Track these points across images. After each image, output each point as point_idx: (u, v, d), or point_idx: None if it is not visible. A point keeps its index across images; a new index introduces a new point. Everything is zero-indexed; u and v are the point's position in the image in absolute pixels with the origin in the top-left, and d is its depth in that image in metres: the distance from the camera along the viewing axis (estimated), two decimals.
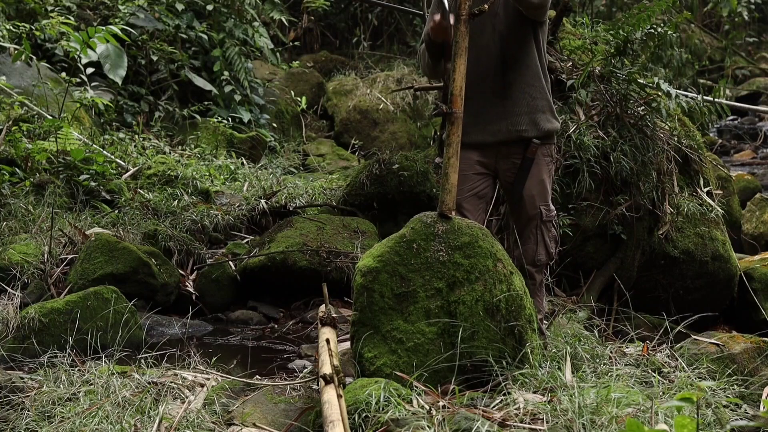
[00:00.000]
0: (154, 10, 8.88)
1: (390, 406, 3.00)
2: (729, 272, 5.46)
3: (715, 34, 14.30)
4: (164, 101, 8.89)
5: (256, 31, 9.89)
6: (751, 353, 3.97)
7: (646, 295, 5.29)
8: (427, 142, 9.61)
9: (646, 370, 3.57)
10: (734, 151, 10.95)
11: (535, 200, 3.98)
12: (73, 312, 4.49)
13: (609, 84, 5.34)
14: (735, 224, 6.71)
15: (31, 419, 3.25)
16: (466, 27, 3.51)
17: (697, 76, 12.81)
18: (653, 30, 5.29)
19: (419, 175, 6.28)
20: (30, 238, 5.40)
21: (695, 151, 5.60)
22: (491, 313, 3.41)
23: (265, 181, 7.24)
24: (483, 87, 3.89)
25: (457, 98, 3.51)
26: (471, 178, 3.96)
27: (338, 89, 11.07)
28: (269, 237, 5.87)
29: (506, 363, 3.36)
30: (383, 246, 3.51)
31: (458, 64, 3.50)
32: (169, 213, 6.11)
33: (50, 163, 6.29)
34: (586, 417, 2.87)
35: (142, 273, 5.21)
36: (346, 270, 5.48)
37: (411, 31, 13.31)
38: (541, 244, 4.00)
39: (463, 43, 3.50)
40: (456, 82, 3.51)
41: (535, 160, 3.96)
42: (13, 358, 4.16)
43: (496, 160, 3.99)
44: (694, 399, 2.06)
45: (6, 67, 7.28)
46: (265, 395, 3.58)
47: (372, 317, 3.43)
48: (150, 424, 3.11)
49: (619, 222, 5.22)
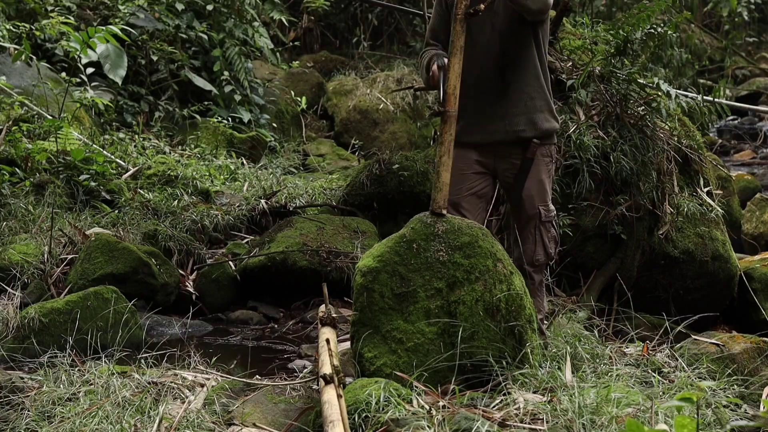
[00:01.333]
0: (154, 10, 8.88)
1: (390, 406, 3.00)
2: (729, 272, 5.46)
3: (715, 34, 14.30)
4: (164, 101, 8.89)
5: (256, 31, 9.89)
6: (751, 353, 3.98)
7: (646, 295, 5.29)
8: (427, 142, 9.60)
9: (646, 370, 3.57)
10: (734, 151, 10.95)
11: (534, 200, 3.98)
12: (73, 312, 4.49)
13: (609, 84, 5.34)
14: (735, 224, 6.70)
15: (31, 419, 3.25)
16: (462, 26, 3.51)
17: (697, 76, 12.81)
18: (653, 30, 5.29)
19: (419, 175, 6.28)
20: (30, 238, 5.40)
21: (695, 151, 5.60)
22: (491, 313, 3.41)
23: (265, 181, 7.24)
24: (481, 86, 3.89)
25: (450, 97, 3.51)
26: (470, 178, 3.95)
27: (338, 89, 11.07)
28: (269, 237, 5.87)
29: (506, 363, 3.36)
30: (383, 246, 3.51)
31: (453, 64, 3.50)
32: (169, 213, 6.11)
33: (50, 163, 6.29)
34: (586, 417, 2.87)
35: (142, 273, 5.21)
36: (346, 270, 5.48)
37: (411, 31, 13.31)
38: (540, 244, 4.00)
39: (458, 42, 3.50)
40: (450, 81, 3.52)
41: (534, 160, 3.95)
42: (13, 358, 4.16)
43: (494, 159, 3.99)
44: (694, 399, 2.06)
45: (6, 67, 7.28)
46: (265, 395, 3.59)
47: (372, 317, 3.43)
48: (150, 424, 3.10)
49: (619, 222, 5.22)
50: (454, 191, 3.78)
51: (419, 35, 12.68)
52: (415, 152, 7.41)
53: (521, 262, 4.01)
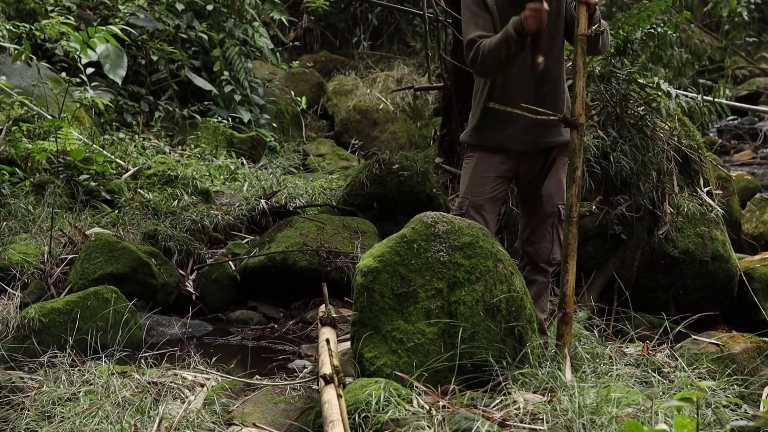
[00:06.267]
0: (154, 10, 8.87)
1: (390, 406, 3.00)
2: (729, 272, 5.46)
3: (715, 34, 14.29)
4: (164, 101, 8.89)
5: (256, 31, 9.89)
6: (751, 353, 3.98)
7: (646, 295, 5.30)
8: (427, 142, 9.60)
9: (646, 370, 3.58)
10: (734, 151, 10.94)
11: (553, 198, 3.99)
12: (73, 312, 4.49)
13: (609, 84, 5.34)
14: (735, 224, 6.70)
15: (31, 419, 3.25)
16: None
17: (697, 76, 12.80)
18: (653, 30, 5.29)
19: (419, 175, 6.28)
20: (30, 238, 5.40)
21: (695, 151, 5.60)
22: (492, 314, 3.41)
23: (265, 181, 7.24)
24: (517, 97, 3.87)
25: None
26: (493, 181, 3.97)
27: (338, 89, 11.07)
28: (269, 237, 5.87)
29: (506, 363, 3.36)
30: (384, 246, 3.51)
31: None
32: (169, 213, 6.11)
33: (50, 163, 6.29)
34: (586, 417, 2.88)
35: (142, 273, 5.21)
36: (346, 270, 5.48)
37: (411, 31, 13.31)
38: (557, 242, 4.00)
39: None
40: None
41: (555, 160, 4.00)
42: (13, 358, 4.16)
43: (518, 163, 4.01)
44: (694, 399, 2.06)
45: (6, 67, 7.28)
46: (265, 395, 3.59)
47: (372, 317, 3.43)
48: (150, 424, 3.11)
49: (619, 222, 5.23)
50: (477, 193, 3.91)
51: (419, 35, 12.67)
52: (415, 152, 7.42)
53: (532, 260, 4.01)
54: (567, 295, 3.51)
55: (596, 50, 3.89)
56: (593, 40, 3.71)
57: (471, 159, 4.01)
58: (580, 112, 3.56)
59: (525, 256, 4.08)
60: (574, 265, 3.54)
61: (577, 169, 3.56)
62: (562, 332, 3.53)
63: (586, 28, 3.58)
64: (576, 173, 3.55)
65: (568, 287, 3.52)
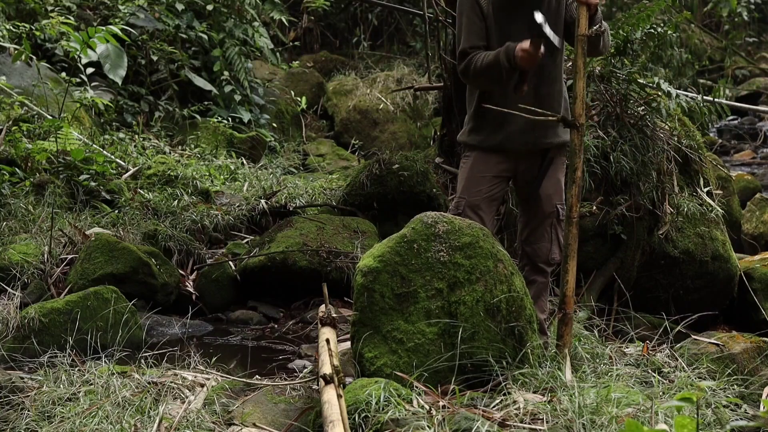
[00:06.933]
0: (154, 10, 8.87)
1: (390, 406, 3.00)
2: (729, 272, 5.46)
3: (715, 34, 14.29)
4: (164, 101, 8.89)
5: (256, 31, 9.89)
6: (751, 353, 3.98)
7: (646, 295, 5.30)
8: (427, 142, 9.60)
9: (646, 370, 3.58)
10: (734, 151, 10.94)
11: (551, 199, 3.99)
12: (73, 312, 4.49)
13: (609, 84, 5.34)
14: (735, 224, 6.70)
15: (31, 419, 3.26)
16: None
17: (697, 76, 12.80)
18: (653, 30, 5.29)
19: (419, 175, 6.28)
20: (30, 238, 5.40)
21: (695, 151, 5.60)
22: (492, 314, 3.41)
23: (265, 181, 7.24)
24: (516, 98, 3.86)
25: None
26: (490, 181, 3.97)
27: (338, 89, 11.07)
28: (269, 237, 5.87)
29: (506, 363, 3.36)
30: (384, 246, 3.51)
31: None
32: (169, 213, 6.11)
33: (50, 163, 6.29)
34: (586, 417, 2.88)
35: (142, 273, 5.21)
36: (346, 270, 5.48)
37: (411, 31, 13.31)
38: (555, 242, 4.01)
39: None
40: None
41: (553, 160, 3.99)
42: (13, 358, 4.16)
43: (516, 164, 4.01)
44: (694, 399, 2.06)
45: (6, 67, 7.28)
46: (265, 395, 3.59)
47: (372, 317, 3.43)
48: (150, 424, 3.11)
49: (619, 222, 5.23)
50: (473, 193, 3.91)
51: (419, 35, 12.67)
52: (415, 152, 7.41)
53: (531, 260, 4.01)
54: (567, 296, 3.51)
55: (597, 51, 3.88)
56: (594, 41, 3.71)
57: (468, 159, 4.01)
58: (580, 113, 3.56)
59: (524, 256, 4.08)
60: (574, 265, 3.54)
61: (577, 170, 3.55)
62: (562, 332, 3.53)
63: (586, 29, 3.57)
64: (576, 173, 3.55)
65: (568, 287, 3.52)
